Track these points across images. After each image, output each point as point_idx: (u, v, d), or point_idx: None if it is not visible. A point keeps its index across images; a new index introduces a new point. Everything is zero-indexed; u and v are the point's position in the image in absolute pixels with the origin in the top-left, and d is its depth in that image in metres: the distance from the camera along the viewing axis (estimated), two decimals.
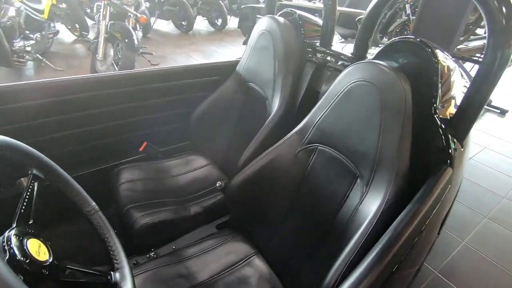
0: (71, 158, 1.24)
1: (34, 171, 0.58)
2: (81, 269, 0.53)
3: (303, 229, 0.97)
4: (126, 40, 2.70)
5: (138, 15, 2.99)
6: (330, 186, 0.92)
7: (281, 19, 1.23)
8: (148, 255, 1.08)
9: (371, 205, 0.77)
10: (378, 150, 0.78)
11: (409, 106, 0.75)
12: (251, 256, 1.02)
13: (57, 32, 3.82)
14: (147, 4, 4.23)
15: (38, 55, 3.24)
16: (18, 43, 3.05)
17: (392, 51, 0.90)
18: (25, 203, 0.52)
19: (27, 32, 3.24)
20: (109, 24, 2.75)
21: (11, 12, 2.95)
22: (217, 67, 1.41)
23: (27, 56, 3.11)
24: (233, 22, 5.95)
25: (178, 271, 0.93)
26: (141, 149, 1.37)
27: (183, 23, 5.21)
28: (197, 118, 1.44)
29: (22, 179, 0.59)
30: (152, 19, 4.99)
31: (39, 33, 3.36)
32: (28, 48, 3.13)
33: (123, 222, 1.08)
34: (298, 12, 1.30)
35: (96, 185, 1.26)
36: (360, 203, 0.82)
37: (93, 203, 0.67)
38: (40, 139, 1.13)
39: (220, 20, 5.59)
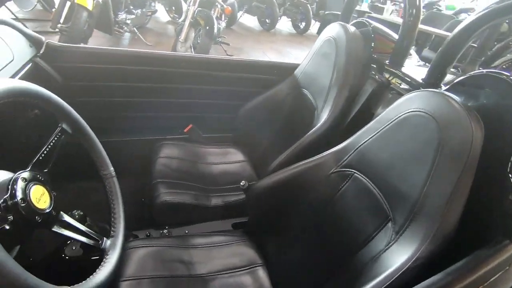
0: (123, 123, 1.36)
1: (64, 125, 0.63)
2: (75, 225, 0.56)
3: (317, 255, 0.89)
4: (207, 28, 2.85)
5: (225, 6, 3.13)
6: (357, 220, 0.81)
7: (352, 28, 1.13)
8: (161, 231, 1.12)
9: (396, 256, 0.66)
10: (421, 195, 0.65)
11: (476, 153, 0.61)
12: (256, 266, 0.97)
13: (155, 11, 4.26)
14: None
15: (135, 28, 3.65)
16: (122, 16, 3.48)
17: (472, 85, 0.74)
18: (45, 152, 0.57)
19: (131, 7, 3.68)
20: (196, 10, 2.94)
21: None
22: (275, 66, 1.38)
23: (125, 28, 3.53)
24: (316, 27, 5.85)
25: (181, 256, 0.94)
26: (186, 130, 1.42)
27: (267, 20, 5.31)
28: (245, 112, 1.43)
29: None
30: (240, 13, 5.20)
31: (140, 10, 3.79)
32: (128, 21, 3.55)
33: (149, 193, 1.14)
34: (374, 24, 1.18)
35: (141, 153, 1.36)
36: (385, 250, 0.70)
37: (111, 168, 0.71)
38: (102, 99, 1.26)
39: (303, 24, 5.55)
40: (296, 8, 5.42)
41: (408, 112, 0.72)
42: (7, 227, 0.42)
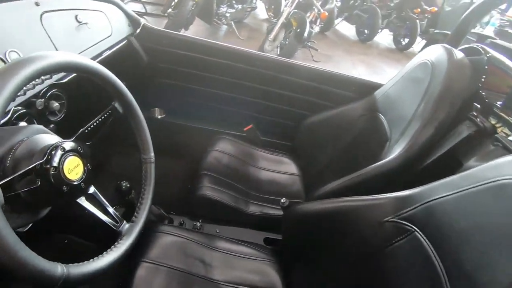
0: (191, 109, 1.42)
1: (116, 104, 0.66)
2: (101, 202, 0.57)
3: None
4: (298, 30, 2.80)
5: (322, 10, 3.03)
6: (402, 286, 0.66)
7: (459, 54, 0.92)
8: (195, 223, 1.12)
9: None
10: None
11: None
12: None
13: (255, 8, 4.41)
14: (338, 3, 4.23)
15: (232, 22, 3.85)
16: (223, 9, 3.70)
17: None
18: (92, 125, 0.60)
19: (233, 1, 3.88)
20: (292, 11, 2.91)
21: None
22: (355, 82, 1.24)
23: (223, 20, 3.75)
24: (420, 46, 5.22)
25: (203, 255, 0.92)
26: (245, 129, 1.40)
27: (365, 31, 4.97)
28: (309, 124, 1.34)
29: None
30: (337, 20, 4.99)
31: (241, 5, 3.97)
32: (228, 15, 3.75)
33: (194, 182, 1.15)
34: (493, 53, 0.93)
35: (199, 141, 1.41)
36: None
37: (152, 154, 0.72)
38: (178, 83, 1.34)
39: (406, 40, 5.01)
40: (401, 22, 4.92)
41: (509, 179, 0.54)
42: (33, 190, 0.45)
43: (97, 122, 0.61)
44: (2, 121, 0.67)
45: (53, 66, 0.45)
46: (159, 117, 1.46)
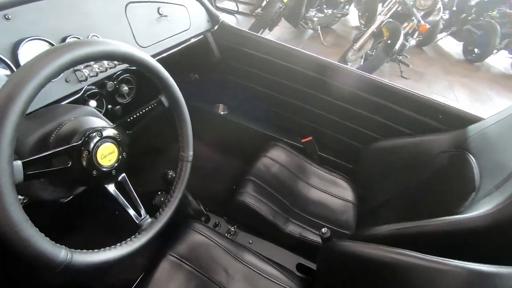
0: (253, 109, 1.40)
1: (163, 98, 0.65)
2: (129, 192, 0.58)
3: None
4: (389, 42, 2.53)
5: (422, 22, 2.67)
6: None
7: None
8: (230, 227, 1.09)
9: None
10: None
11: None
12: None
13: (346, 14, 4.18)
14: (446, 16, 3.69)
15: (319, 27, 3.73)
16: (311, 12, 3.61)
17: None
18: (135, 116, 0.60)
19: (324, 6, 3.74)
20: (386, 20, 2.64)
21: None
22: (443, 110, 1.02)
23: (310, 24, 3.65)
24: None
25: (228, 265, 0.88)
26: (303, 140, 1.31)
27: (476, 50, 4.23)
28: (378, 149, 1.17)
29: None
30: (442, 34, 4.38)
31: (331, 10, 3.81)
32: (315, 19, 3.65)
33: (239, 185, 1.12)
34: None
35: (255, 143, 1.38)
36: None
37: (191, 153, 0.70)
38: (245, 83, 1.33)
39: None
40: None
41: None
42: (64, 169, 0.47)
43: (141, 112, 0.61)
44: (73, 98, 0.74)
45: (99, 54, 0.46)
46: (222, 113, 1.48)
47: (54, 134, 0.51)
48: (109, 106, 0.88)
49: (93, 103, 0.80)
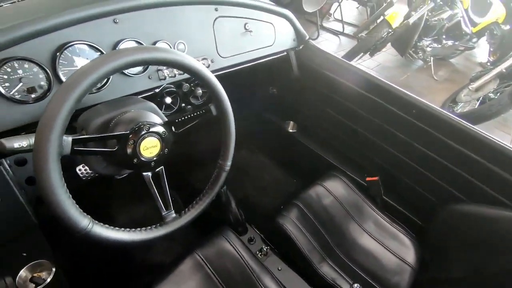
0: (320, 132, 1.34)
1: (212, 106, 0.68)
2: (163, 184, 0.62)
3: None
4: None
5: None
6: None
7: None
8: (264, 246, 1.07)
9: None
10: None
11: None
12: None
13: (471, 48, 3.59)
14: None
15: (431, 58, 3.32)
16: (425, 42, 3.24)
17: None
18: (183, 118, 0.65)
19: (443, 36, 3.31)
20: None
21: (445, 14, 3.06)
22: None
23: (420, 54, 3.29)
24: None
25: (246, 283, 0.86)
26: (368, 178, 1.18)
27: None
28: (462, 212, 0.96)
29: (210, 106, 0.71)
30: None
31: (452, 41, 3.34)
32: (428, 49, 3.26)
33: (284, 206, 1.09)
34: None
35: (317, 167, 1.32)
36: None
37: (229, 163, 0.71)
38: (321, 107, 1.30)
39: None
40: None
41: None
42: (111, 152, 0.54)
43: (190, 116, 0.66)
44: (153, 92, 0.85)
45: (154, 59, 0.52)
46: (291, 130, 1.47)
47: (115, 119, 0.60)
48: (182, 105, 0.98)
49: (168, 99, 0.91)
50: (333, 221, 1.05)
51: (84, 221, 0.48)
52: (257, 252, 1.06)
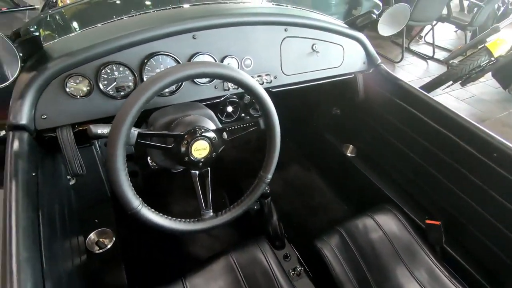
0: (379, 159, 1.27)
1: (261, 120, 0.71)
2: (206, 184, 0.68)
3: None
4: None
5: None
6: None
7: None
8: (298, 266, 1.05)
9: None
10: None
11: None
12: None
13: None
14: None
15: None
16: None
17: None
18: (235, 127, 0.70)
19: None
20: None
21: None
22: None
23: None
24: None
25: None
26: (428, 221, 1.05)
27: None
28: None
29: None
30: None
31: None
32: None
33: (327, 230, 1.05)
34: None
35: (372, 196, 1.24)
36: None
37: (270, 176, 0.73)
38: (376, 128, 1.24)
39: None
40: None
41: None
42: (166, 148, 0.63)
43: (239, 126, 0.71)
44: (216, 100, 0.94)
45: (211, 73, 0.59)
46: (349, 154, 1.41)
47: (176, 121, 0.69)
48: (242, 115, 1.05)
49: (229, 108, 0.99)
50: (378, 259, 0.97)
51: (135, 202, 0.57)
52: (290, 271, 1.05)
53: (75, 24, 1.00)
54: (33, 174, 0.62)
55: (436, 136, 1.01)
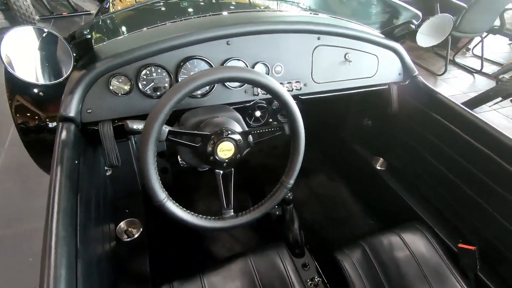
0: (410, 176, 1.22)
1: (286, 126, 0.72)
2: (229, 185, 0.71)
3: None
4: None
5: None
6: None
7: None
8: (317, 276, 1.03)
9: None
10: None
11: None
12: None
13: None
14: None
15: None
16: None
17: None
18: (260, 131, 0.71)
19: None
20: None
21: None
22: None
23: None
24: None
25: None
26: (461, 245, 0.98)
27: None
28: None
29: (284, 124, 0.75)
30: None
31: None
32: None
33: (349, 243, 1.02)
34: None
35: (400, 212, 1.19)
36: None
37: (291, 181, 0.73)
38: (410, 142, 1.19)
39: None
40: None
41: None
42: (194, 147, 0.66)
43: (264, 130, 0.73)
44: (245, 105, 0.97)
45: (238, 78, 0.61)
46: (378, 167, 1.36)
47: (205, 121, 0.72)
48: (270, 120, 1.07)
49: (258, 113, 1.01)
50: (402, 279, 0.92)
51: (162, 195, 0.61)
52: (308, 280, 1.03)
53: (123, 28, 1.09)
54: (76, 162, 0.69)
55: (476, 155, 0.95)
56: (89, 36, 0.71)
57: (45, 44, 0.69)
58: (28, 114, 0.97)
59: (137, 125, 0.63)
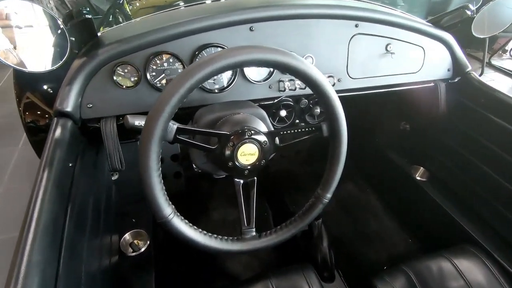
0: (459, 189, 1.06)
1: (324, 126, 0.58)
2: (251, 198, 0.57)
3: None
4: None
5: None
6: None
7: None
8: None
9: None
10: None
11: None
12: None
13: None
14: None
15: None
16: None
17: None
18: (289, 131, 0.57)
19: None
20: None
21: None
22: None
23: None
24: None
25: None
26: None
27: None
28: None
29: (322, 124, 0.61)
30: None
31: None
32: None
33: (391, 270, 0.86)
34: None
35: (446, 234, 1.02)
36: None
37: (329, 196, 0.59)
38: (455, 147, 1.03)
39: None
40: None
41: None
42: (209, 149, 0.53)
43: (296, 131, 0.59)
44: (270, 102, 0.84)
45: (267, 61, 0.48)
46: (419, 178, 1.19)
47: (223, 119, 0.59)
48: (296, 121, 0.93)
49: (283, 112, 0.88)
50: None
51: (167, 210, 0.48)
52: None
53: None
54: (70, 164, 0.58)
55: None
56: (90, 16, 0.60)
57: (35, 23, 0.58)
58: (38, 113, 0.90)
59: (139, 121, 0.51)
